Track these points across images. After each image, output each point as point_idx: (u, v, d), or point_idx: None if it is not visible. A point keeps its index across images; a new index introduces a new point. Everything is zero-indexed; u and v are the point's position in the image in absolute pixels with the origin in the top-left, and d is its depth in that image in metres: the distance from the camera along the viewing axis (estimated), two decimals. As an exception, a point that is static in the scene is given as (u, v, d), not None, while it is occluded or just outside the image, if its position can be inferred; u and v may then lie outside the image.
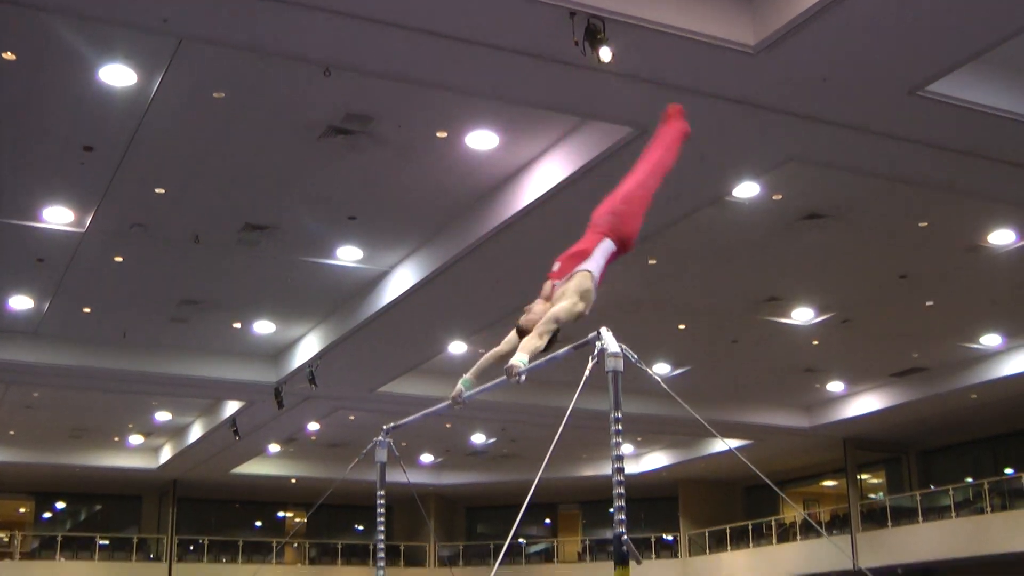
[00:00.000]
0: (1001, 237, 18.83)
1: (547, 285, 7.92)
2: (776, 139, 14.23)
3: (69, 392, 27.23)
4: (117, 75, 13.05)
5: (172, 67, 12.82)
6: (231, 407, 28.25)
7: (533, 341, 7.44)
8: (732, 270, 20.24)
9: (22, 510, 41.59)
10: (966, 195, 16.64)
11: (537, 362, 7.63)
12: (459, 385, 8.13)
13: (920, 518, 31.69)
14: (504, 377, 7.38)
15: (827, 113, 13.37)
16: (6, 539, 37.92)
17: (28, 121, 14.28)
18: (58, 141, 14.81)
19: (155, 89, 13.32)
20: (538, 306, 7.82)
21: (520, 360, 7.30)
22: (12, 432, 32.24)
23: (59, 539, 37.41)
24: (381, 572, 10.54)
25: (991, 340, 25.09)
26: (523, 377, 7.30)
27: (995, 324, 24.10)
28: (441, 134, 14.87)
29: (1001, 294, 21.84)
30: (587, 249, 7.92)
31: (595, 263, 7.87)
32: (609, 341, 6.67)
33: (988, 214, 17.94)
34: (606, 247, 7.96)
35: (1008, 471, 31.73)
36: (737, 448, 30.30)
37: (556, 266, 7.98)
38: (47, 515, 41.69)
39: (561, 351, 7.48)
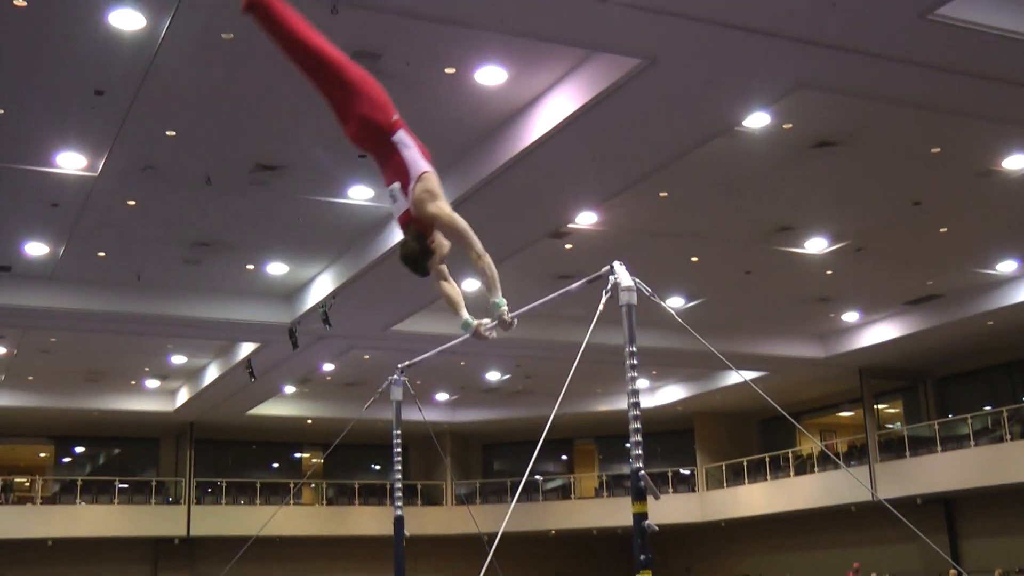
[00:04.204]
0: (1015, 161, 18.73)
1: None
2: (785, 66, 14.12)
3: (85, 336, 27.35)
4: (126, 19, 13.03)
5: (180, 10, 12.78)
6: (246, 348, 28.40)
7: (490, 271, 7.13)
8: (744, 201, 20.18)
9: (42, 455, 41.83)
10: (979, 119, 16.56)
11: (550, 296, 7.62)
12: (472, 326, 7.71)
13: (938, 447, 31.75)
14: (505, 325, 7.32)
15: (836, 38, 13.25)
16: (27, 484, 38.18)
17: (39, 67, 14.27)
18: (69, 86, 14.84)
19: (164, 32, 13.28)
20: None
21: (502, 309, 7.24)
22: (31, 377, 32.43)
23: (79, 483, 37.58)
24: (399, 511, 10.59)
25: (1007, 266, 25.05)
26: (515, 321, 7.30)
27: (1010, 249, 24.03)
28: (449, 70, 14.81)
29: (1016, 219, 21.78)
30: (398, 159, 7.45)
31: (421, 162, 7.45)
32: (622, 275, 6.60)
33: (1001, 138, 17.85)
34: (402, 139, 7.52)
35: (1026, 398, 31.73)
36: (752, 379, 30.23)
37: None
38: (66, 459, 41.82)
39: (574, 285, 7.44)
